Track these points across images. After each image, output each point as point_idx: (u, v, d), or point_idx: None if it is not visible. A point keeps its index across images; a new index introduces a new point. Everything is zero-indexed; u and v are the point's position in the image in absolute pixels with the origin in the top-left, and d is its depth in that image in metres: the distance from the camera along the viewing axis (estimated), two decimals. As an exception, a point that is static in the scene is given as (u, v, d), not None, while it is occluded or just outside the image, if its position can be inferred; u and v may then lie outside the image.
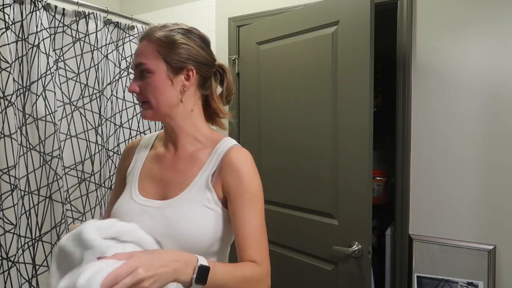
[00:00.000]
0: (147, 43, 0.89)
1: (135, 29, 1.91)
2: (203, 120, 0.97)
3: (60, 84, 1.62)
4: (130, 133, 1.86)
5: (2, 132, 1.35)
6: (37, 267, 1.47)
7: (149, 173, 0.95)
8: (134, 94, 1.85)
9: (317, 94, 1.69)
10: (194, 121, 0.94)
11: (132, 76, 1.87)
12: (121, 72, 1.85)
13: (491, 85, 1.55)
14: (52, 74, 1.52)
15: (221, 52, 2.23)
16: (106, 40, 1.77)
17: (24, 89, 1.46)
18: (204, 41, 0.95)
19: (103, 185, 1.72)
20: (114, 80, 1.82)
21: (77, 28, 1.65)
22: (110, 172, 1.79)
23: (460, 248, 1.59)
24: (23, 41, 1.45)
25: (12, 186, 1.36)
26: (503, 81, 1.53)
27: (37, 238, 1.47)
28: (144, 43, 0.89)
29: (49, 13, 1.57)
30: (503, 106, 1.53)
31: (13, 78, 1.39)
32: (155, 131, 1.99)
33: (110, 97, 1.79)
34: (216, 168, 0.89)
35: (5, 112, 1.35)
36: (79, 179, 1.64)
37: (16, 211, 1.38)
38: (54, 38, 1.60)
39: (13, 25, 1.43)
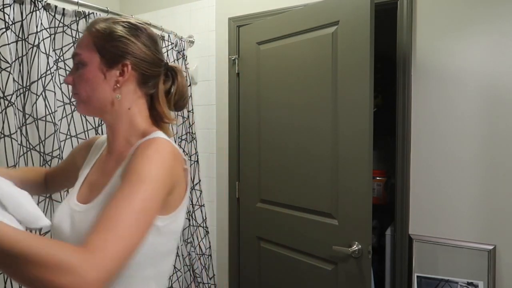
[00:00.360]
0: (87, 33, 0.85)
1: (135, 29, 1.91)
2: (143, 119, 0.87)
3: (60, 84, 1.62)
4: (130, 133, 1.86)
5: (2, 132, 1.35)
6: (37, 267, 1.47)
7: (89, 176, 0.91)
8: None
9: (317, 94, 1.69)
10: (131, 119, 0.86)
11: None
12: (121, 72, 1.85)
13: (491, 85, 1.55)
14: (52, 74, 1.52)
15: (221, 52, 2.23)
16: (106, 40, 1.77)
17: (24, 89, 1.46)
18: (151, 39, 0.88)
19: (103, 185, 1.72)
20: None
21: (77, 28, 1.65)
22: (110, 172, 1.79)
23: (460, 248, 1.59)
24: (23, 41, 1.45)
25: (12, 186, 1.36)
26: (503, 81, 1.53)
27: (37, 238, 1.47)
28: (84, 34, 0.85)
29: (49, 13, 1.57)
30: (503, 106, 1.53)
31: (13, 78, 1.39)
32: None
33: (110, 97, 1.79)
34: (124, 167, 0.78)
35: (5, 112, 1.35)
36: (79, 179, 1.64)
37: (16, 211, 1.38)
38: (54, 38, 1.60)
39: (13, 25, 1.42)
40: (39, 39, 1.46)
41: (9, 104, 1.36)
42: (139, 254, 0.73)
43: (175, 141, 2.16)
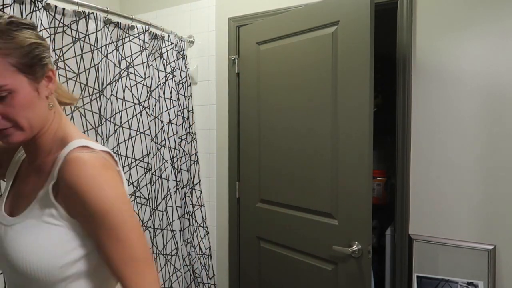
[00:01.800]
0: None
1: (135, 29, 1.91)
2: (63, 118, 0.82)
3: (60, 84, 1.62)
4: (130, 133, 1.86)
5: (2, 132, 1.35)
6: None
7: (14, 187, 0.85)
8: (134, 95, 1.78)
9: (317, 94, 1.69)
10: (56, 125, 0.80)
11: (132, 76, 1.87)
12: (121, 72, 1.85)
13: (491, 85, 1.55)
14: (52, 74, 1.52)
15: (221, 52, 2.23)
16: (106, 40, 1.77)
17: (24, 89, 1.46)
18: (33, 25, 0.75)
19: (103, 185, 1.72)
20: (114, 80, 1.82)
21: (77, 28, 1.65)
22: (110, 172, 1.78)
23: (460, 248, 1.59)
24: (23, 41, 1.45)
25: (12, 186, 1.36)
26: (503, 81, 1.53)
27: (37, 238, 1.47)
28: None
29: (49, 13, 1.57)
30: (503, 106, 1.53)
31: (13, 78, 1.39)
32: (155, 131, 1.99)
33: (110, 97, 1.79)
34: (55, 180, 0.73)
35: (5, 112, 1.35)
36: (79, 179, 1.64)
37: (16, 211, 1.38)
38: (54, 38, 1.60)
39: (13, 25, 1.43)
40: (39, 39, 1.46)
41: (9, 104, 1.36)
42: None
43: (175, 141, 2.17)
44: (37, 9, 1.46)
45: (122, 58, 1.86)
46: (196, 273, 2.24)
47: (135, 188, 1.86)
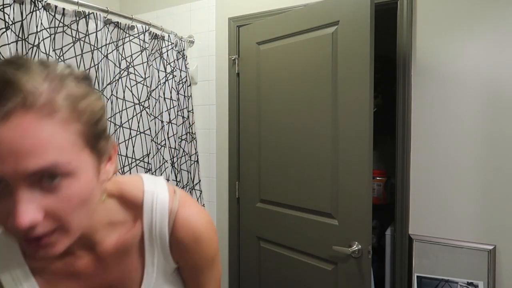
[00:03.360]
0: (35, 122, 0.42)
1: (135, 29, 1.91)
2: (108, 191, 0.61)
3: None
4: (130, 133, 1.86)
5: (2, 132, 1.35)
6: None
7: None
8: (134, 95, 1.73)
9: (317, 94, 1.69)
10: (106, 202, 0.60)
11: (132, 76, 1.87)
12: (121, 72, 1.85)
13: (491, 85, 1.55)
14: (52, 74, 1.52)
15: (221, 52, 2.23)
16: (106, 40, 1.77)
17: (24, 89, 1.46)
18: (90, 79, 0.54)
19: (103, 185, 1.72)
20: (114, 80, 1.82)
21: (77, 28, 1.65)
22: (110, 172, 1.79)
23: (460, 248, 1.59)
24: (23, 41, 1.45)
25: (12, 186, 1.36)
26: (503, 81, 1.53)
27: (37, 238, 1.47)
28: (25, 122, 0.42)
29: (49, 13, 1.57)
30: (503, 106, 1.53)
31: (13, 78, 1.39)
32: (155, 131, 1.99)
33: (110, 97, 1.79)
34: (167, 248, 0.63)
35: (5, 112, 1.35)
36: (79, 179, 1.64)
37: (16, 211, 1.38)
38: (54, 38, 1.60)
39: (13, 25, 1.42)
40: (39, 39, 1.46)
41: (9, 104, 1.36)
42: None
43: (175, 141, 2.17)
44: (37, 9, 1.46)
45: (122, 58, 1.86)
46: (196, 273, 2.24)
47: (135, 188, 1.86)
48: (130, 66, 1.88)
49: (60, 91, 0.44)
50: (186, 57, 2.29)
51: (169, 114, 2.14)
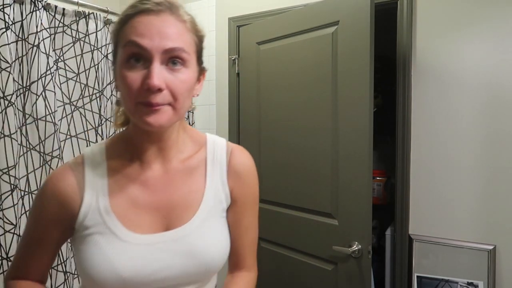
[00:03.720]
0: (174, 20, 0.65)
1: (135, 29, 1.91)
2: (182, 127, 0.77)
3: (60, 84, 1.62)
4: (130, 133, 1.86)
5: (2, 132, 1.35)
6: (37, 267, 1.47)
7: (130, 204, 0.70)
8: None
9: (317, 94, 1.69)
10: (183, 124, 0.76)
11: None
12: (121, 72, 1.85)
13: (491, 85, 1.55)
14: (52, 74, 1.52)
15: (221, 52, 2.23)
16: (106, 40, 1.77)
17: (24, 89, 1.46)
18: None
19: (103, 185, 1.72)
20: (114, 80, 1.82)
21: (77, 28, 1.65)
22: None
23: (460, 248, 1.59)
24: (23, 41, 1.45)
25: (12, 186, 1.36)
26: (503, 81, 1.53)
27: (37, 238, 1.47)
28: (169, 19, 0.64)
29: (49, 13, 1.57)
30: (503, 106, 1.53)
31: (13, 78, 1.39)
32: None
33: (110, 97, 1.79)
34: (225, 174, 0.77)
35: (5, 112, 1.35)
36: (79, 179, 1.64)
37: (16, 211, 1.38)
38: (54, 38, 1.60)
39: (13, 25, 1.43)
40: (39, 39, 1.46)
41: (9, 104, 1.36)
42: None
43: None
44: (37, 9, 1.46)
45: (122, 58, 1.86)
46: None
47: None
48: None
49: (188, 15, 0.69)
50: (186, 57, 2.29)
51: (169, 114, 2.14)
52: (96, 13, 1.70)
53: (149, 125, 0.63)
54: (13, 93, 1.36)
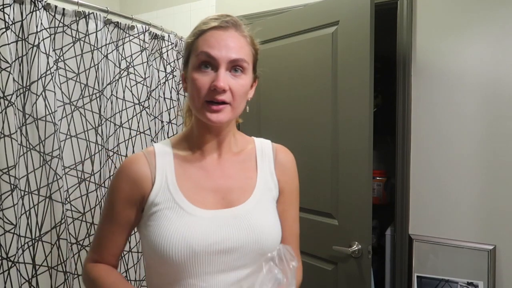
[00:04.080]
0: (238, 35, 0.81)
1: (135, 29, 1.91)
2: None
3: (60, 84, 1.62)
4: (130, 133, 1.86)
5: (2, 132, 1.35)
6: (37, 267, 1.47)
7: (194, 184, 0.83)
8: (134, 95, 1.81)
9: (317, 94, 1.68)
10: (234, 127, 0.91)
11: (132, 76, 1.87)
12: (121, 72, 1.85)
13: (491, 85, 1.55)
14: (52, 74, 1.52)
15: (221, 52, 2.23)
16: (106, 40, 1.77)
17: (24, 89, 1.46)
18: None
19: (103, 185, 1.72)
20: (114, 80, 1.82)
21: (77, 28, 1.65)
22: (110, 172, 1.78)
23: (460, 248, 1.59)
24: (23, 41, 1.45)
25: (12, 186, 1.36)
26: (503, 81, 1.53)
27: (37, 238, 1.47)
28: (234, 34, 0.80)
29: (49, 13, 1.57)
30: (503, 105, 1.53)
31: (13, 78, 1.39)
32: (155, 131, 1.99)
33: (110, 97, 1.79)
34: (273, 167, 0.90)
35: (5, 112, 1.35)
36: (79, 179, 1.64)
37: (16, 211, 1.38)
38: (54, 38, 1.60)
39: (13, 25, 1.42)
40: (39, 39, 1.46)
41: (9, 104, 1.36)
42: None
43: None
44: (37, 9, 1.46)
45: (122, 58, 1.86)
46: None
47: (135, 188, 1.86)
48: (130, 66, 1.88)
49: (248, 31, 0.86)
50: (186, 57, 2.29)
51: (169, 114, 2.14)
52: (96, 13, 1.70)
53: (212, 121, 0.78)
54: (13, 93, 1.36)
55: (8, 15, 1.37)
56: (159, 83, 2.08)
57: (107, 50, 1.78)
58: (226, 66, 0.78)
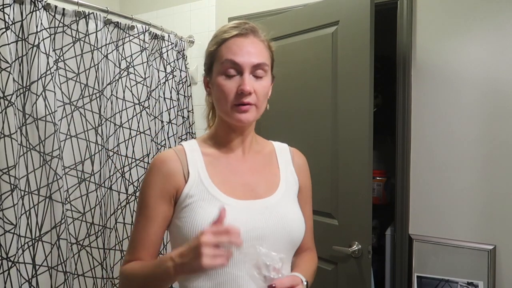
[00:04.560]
0: (257, 41, 0.88)
1: (135, 29, 1.91)
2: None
3: (60, 84, 1.62)
4: (130, 133, 1.86)
5: (2, 132, 1.35)
6: (37, 267, 1.47)
7: (224, 178, 0.89)
8: (134, 95, 1.82)
9: (317, 94, 1.68)
10: (253, 130, 0.99)
11: (132, 76, 1.87)
12: (121, 72, 1.85)
13: (491, 85, 1.55)
14: (52, 74, 1.52)
15: (221, 52, 2.23)
16: (106, 40, 1.77)
17: (24, 89, 1.46)
18: None
19: (103, 185, 1.72)
20: (114, 80, 1.82)
21: (77, 28, 1.65)
22: (110, 172, 1.78)
23: (460, 248, 1.59)
24: (23, 41, 1.45)
25: (12, 186, 1.36)
26: (503, 80, 1.53)
27: (37, 238, 1.47)
28: (254, 40, 0.87)
29: (49, 13, 1.57)
30: (503, 105, 1.53)
31: (13, 78, 1.39)
32: (155, 131, 1.99)
33: (110, 97, 1.79)
34: (292, 165, 1.00)
35: (5, 112, 1.35)
36: (79, 179, 1.64)
37: (16, 211, 1.38)
38: (54, 38, 1.60)
39: (13, 25, 1.42)
40: (39, 39, 1.46)
41: (9, 104, 1.36)
42: None
43: (175, 142, 2.17)
44: (37, 9, 1.46)
45: (122, 58, 1.86)
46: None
47: (135, 188, 1.86)
48: (130, 66, 1.88)
49: (265, 36, 0.92)
50: (186, 57, 2.29)
51: (169, 114, 2.14)
52: (96, 13, 1.70)
53: (241, 121, 0.86)
54: (13, 93, 1.36)
55: (8, 15, 1.37)
56: (159, 83, 2.08)
57: (107, 50, 1.78)
58: (249, 70, 0.84)
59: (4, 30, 1.36)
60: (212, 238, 0.70)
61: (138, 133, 1.89)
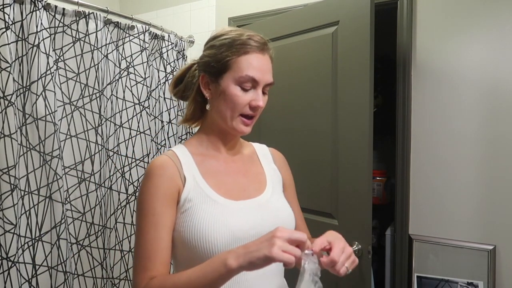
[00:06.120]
0: (270, 59, 0.93)
1: (135, 29, 1.91)
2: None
3: (60, 84, 1.62)
4: (130, 133, 1.86)
5: (2, 132, 1.35)
6: (37, 267, 1.47)
7: (217, 180, 0.91)
8: (134, 95, 1.83)
9: (317, 94, 1.68)
10: (239, 139, 1.04)
11: (132, 76, 1.88)
12: (121, 72, 1.85)
13: (492, 85, 1.55)
14: (52, 74, 1.52)
15: (221, 52, 2.23)
16: (106, 40, 1.77)
17: (24, 89, 1.46)
18: None
19: (103, 185, 1.72)
20: (114, 80, 1.82)
21: (77, 28, 1.65)
22: (110, 172, 1.78)
23: (460, 248, 1.59)
24: (23, 41, 1.45)
25: (12, 186, 1.36)
26: (503, 80, 1.53)
27: (37, 238, 1.47)
28: (268, 59, 0.92)
29: (49, 13, 1.57)
30: (503, 105, 1.53)
31: (13, 78, 1.39)
32: (155, 131, 1.99)
33: (110, 97, 1.79)
34: (273, 163, 1.04)
35: (5, 112, 1.35)
36: (79, 179, 1.64)
37: (16, 211, 1.38)
38: (54, 38, 1.60)
39: (13, 25, 1.42)
40: (39, 39, 1.46)
41: (9, 104, 1.36)
42: None
43: (175, 142, 2.17)
44: (37, 9, 1.46)
45: (122, 58, 1.86)
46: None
47: (135, 188, 1.86)
48: (130, 66, 1.88)
49: (271, 52, 0.95)
50: (186, 57, 2.29)
51: (169, 114, 2.14)
52: (96, 13, 1.70)
53: (242, 132, 0.91)
54: (13, 93, 1.36)
55: (8, 15, 1.37)
56: (159, 83, 2.08)
57: (107, 50, 1.78)
58: (262, 87, 0.89)
59: (4, 30, 1.36)
60: (287, 234, 0.71)
61: (138, 133, 1.89)
